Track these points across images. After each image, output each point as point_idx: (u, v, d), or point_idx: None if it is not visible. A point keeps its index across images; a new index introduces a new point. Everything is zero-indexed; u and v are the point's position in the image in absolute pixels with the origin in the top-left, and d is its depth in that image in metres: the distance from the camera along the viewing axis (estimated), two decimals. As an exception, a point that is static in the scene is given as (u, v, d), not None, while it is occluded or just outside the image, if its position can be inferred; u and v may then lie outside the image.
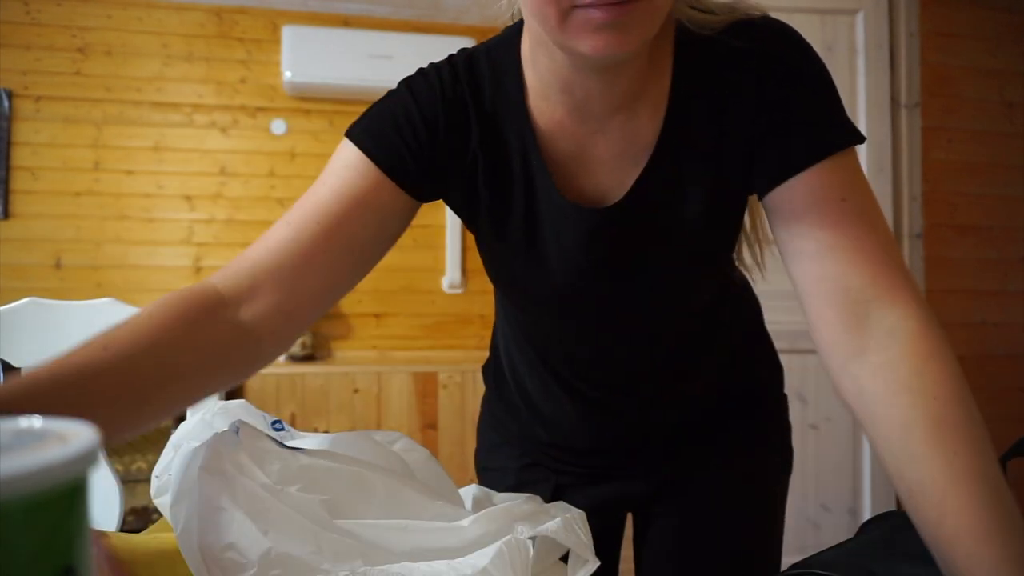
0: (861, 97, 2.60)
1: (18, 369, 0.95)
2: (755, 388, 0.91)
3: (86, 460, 0.24)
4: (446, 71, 0.69)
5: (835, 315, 0.59)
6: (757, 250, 0.81)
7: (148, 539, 0.61)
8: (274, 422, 0.66)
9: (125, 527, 0.93)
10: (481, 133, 0.68)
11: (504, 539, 0.53)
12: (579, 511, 0.62)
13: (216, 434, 0.57)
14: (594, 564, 0.57)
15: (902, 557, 0.52)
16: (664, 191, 0.67)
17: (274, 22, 3.28)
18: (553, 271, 0.71)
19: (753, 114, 0.64)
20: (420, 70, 0.71)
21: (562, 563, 0.58)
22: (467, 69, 0.69)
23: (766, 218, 0.68)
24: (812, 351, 0.62)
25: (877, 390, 0.55)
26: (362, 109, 0.73)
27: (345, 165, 0.66)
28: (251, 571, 0.49)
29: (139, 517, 2.55)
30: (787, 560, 0.89)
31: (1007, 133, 2.86)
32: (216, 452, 0.54)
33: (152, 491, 0.61)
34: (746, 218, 0.77)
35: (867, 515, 2.56)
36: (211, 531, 0.51)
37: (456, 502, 0.64)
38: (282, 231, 0.63)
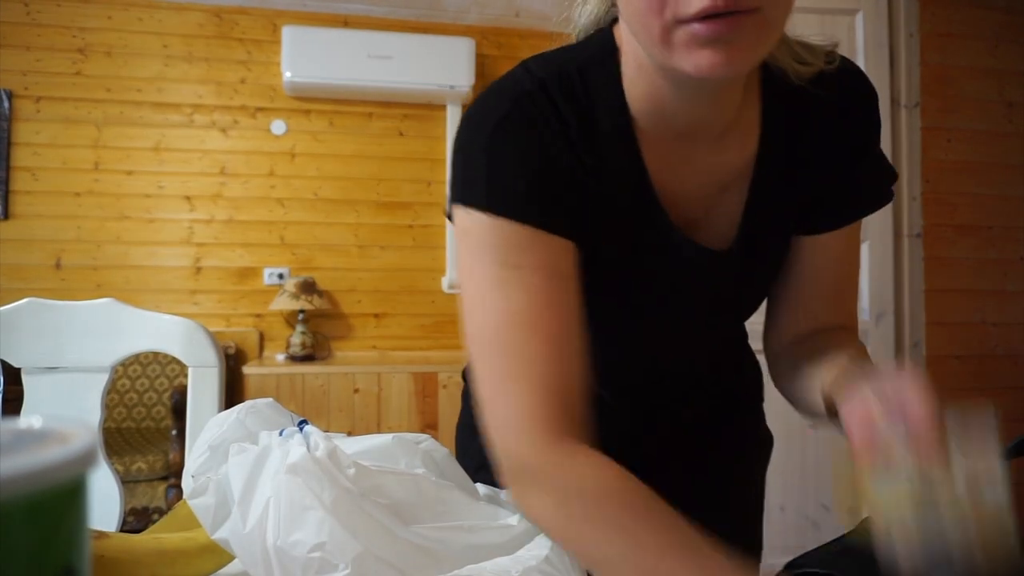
0: (861, 97, 2.60)
1: (18, 369, 0.95)
2: (747, 385, 0.94)
3: (86, 460, 0.24)
4: (540, 96, 0.60)
5: (790, 341, 0.75)
6: None
7: (148, 539, 0.61)
8: (300, 422, 0.66)
9: (125, 527, 0.93)
10: (585, 157, 0.62)
11: None
12: None
13: (282, 434, 0.58)
14: None
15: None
16: (766, 226, 0.69)
17: (274, 22, 3.28)
18: (644, 304, 0.68)
19: (827, 164, 0.68)
20: (512, 99, 0.60)
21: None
22: (562, 87, 0.61)
23: None
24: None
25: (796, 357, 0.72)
26: (362, 109, 0.72)
27: (517, 249, 0.57)
28: (344, 572, 0.50)
29: (139, 517, 2.55)
30: (788, 560, 0.89)
31: (1007, 133, 2.86)
32: (301, 456, 0.55)
33: (187, 492, 0.61)
34: None
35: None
36: (297, 530, 0.51)
37: (481, 500, 0.65)
38: (556, 357, 0.55)
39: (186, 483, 0.62)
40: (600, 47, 0.64)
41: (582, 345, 0.57)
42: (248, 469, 0.56)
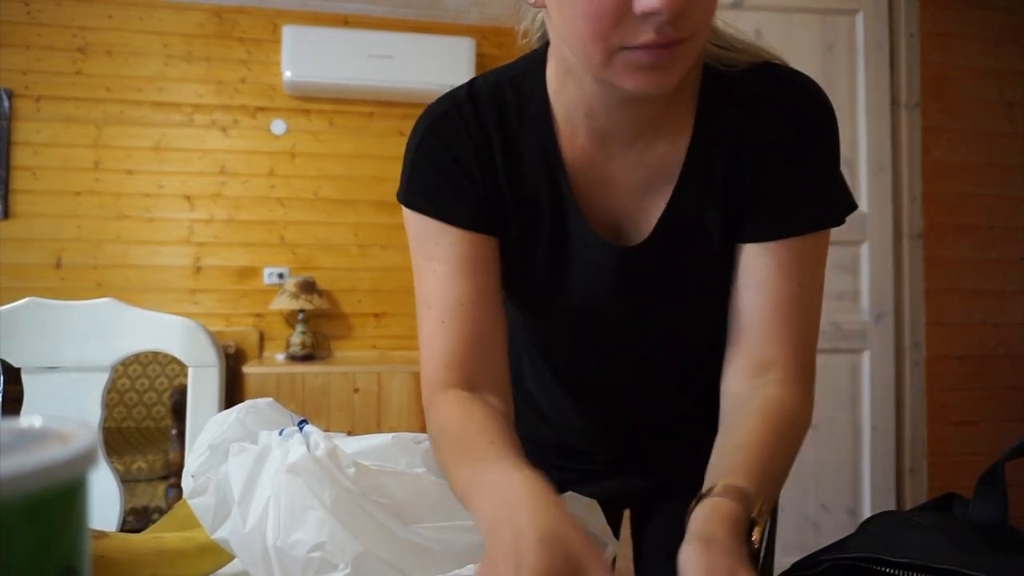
0: (861, 97, 2.59)
1: (18, 369, 0.95)
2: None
3: (86, 460, 0.24)
4: (467, 108, 0.69)
5: (743, 365, 0.68)
6: None
7: (148, 539, 0.61)
8: (300, 422, 0.66)
9: (125, 527, 0.93)
10: (506, 165, 0.68)
11: None
12: (591, 499, 0.64)
13: (282, 434, 0.58)
14: (615, 546, 0.58)
15: (905, 553, 0.52)
16: (687, 225, 0.68)
17: (274, 22, 3.28)
18: (575, 297, 0.72)
19: (765, 162, 0.66)
20: (440, 112, 0.71)
21: None
22: (492, 99, 0.69)
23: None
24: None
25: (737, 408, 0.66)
26: (362, 109, 0.74)
27: (427, 237, 0.69)
28: (344, 572, 0.50)
29: (139, 517, 2.55)
30: (788, 560, 0.89)
31: (1007, 133, 2.86)
32: (301, 456, 0.55)
33: (187, 491, 0.61)
34: None
35: (867, 515, 2.56)
36: (297, 530, 0.51)
37: None
38: (443, 330, 0.68)
39: (186, 483, 0.62)
40: (534, 59, 0.71)
41: (481, 321, 0.67)
42: (248, 469, 0.56)
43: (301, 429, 0.63)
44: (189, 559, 0.61)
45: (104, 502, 0.95)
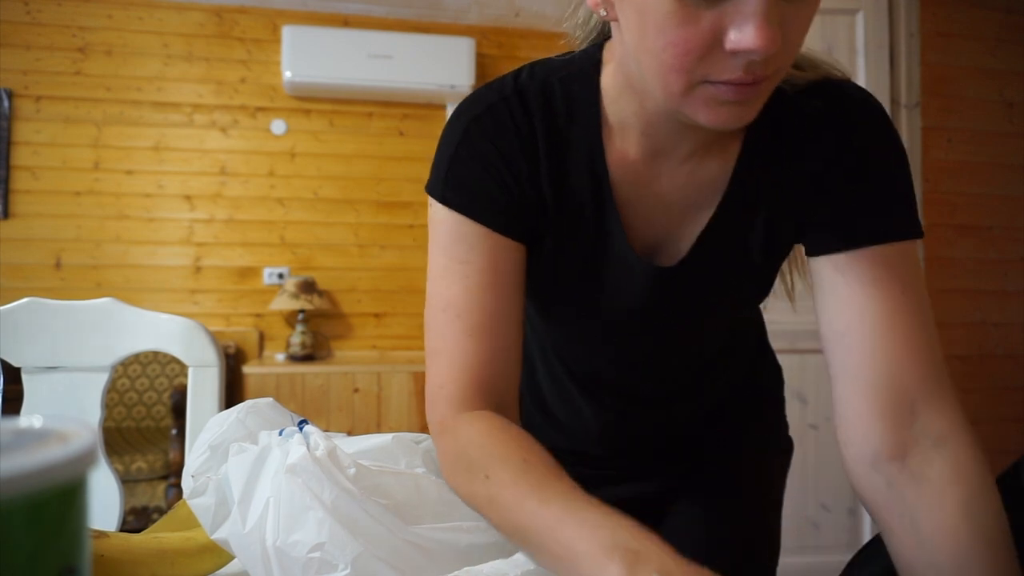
0: (861, 97, 2.60)
1: (18, 369, 0.95)
2: (760, 394, 0.93)
3: (86, 460, 0.24)
4: (515, 103, 0.64)
5: (874, 407, 0.58)
6: (788, 277, 0.80)
7: (148, 539, 0.61)
8: (300, 422, 0.66)
9: (125, 527, 0.93)
10: (550, 168, 0.65)
11: None
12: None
13: (282, 434, 0.58)
14: None
15: None
16: (726, 245, 0.67)
17: (274, 22, 3.28)
18: (604, 309, 0.71)
19: (822, 177, 0.63)
20: (486, 104, 0.65)
21: None
22: (541, 96, 0.65)
23: (807, 271, 0.68)
24: (812, 351, 0.64)
25: (921, 498, 0.55)
26: (362, 109, 0.73)
27: (459, 239, 0.64)
28: (344, 572, 0.50)
29: (139, 517, 2.55)
30: (788, 559, 0.89)
31: (1007, 133, 2.86)
32: (301, 456, 0.55)
33: (187, 492, 0.61)
34: None
35: (867, 515, 2.56)
36: (297, 530, 0.51)
37: None
38: (472, 344, 0.63)
39: (186, 483, 0.62)
40: (587, 62, 0.66)
41: (507, 337, 0.64)
42: (248, 469, 0.56)
43: (301, 429, 0.62)
44: (189, 559, 0.61)
45: (104, 502, 0.94)
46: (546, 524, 0.49)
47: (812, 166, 0.64)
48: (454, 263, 0.64)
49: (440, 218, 0.65)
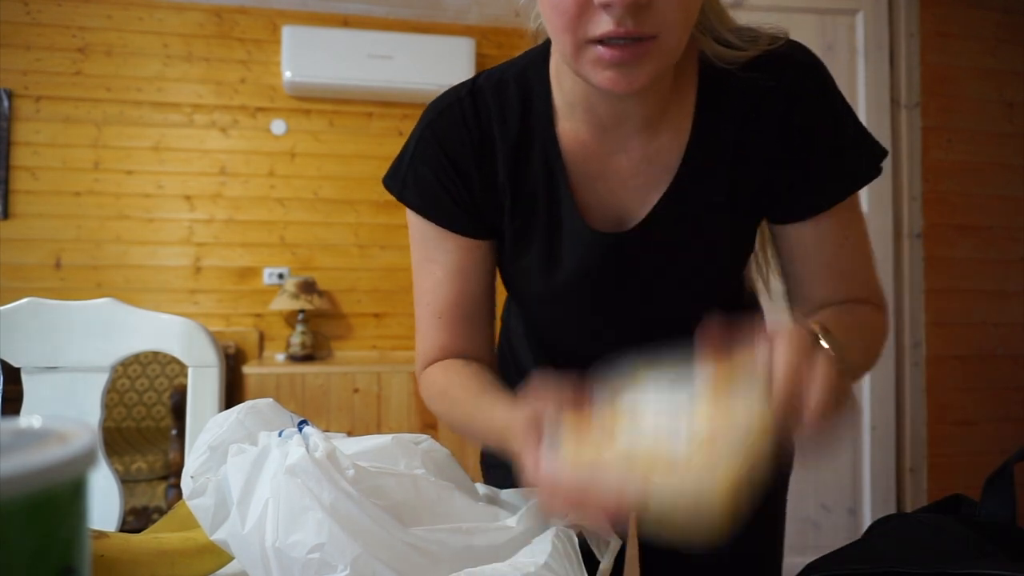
0: (861, 97, 2.59)
1: (18, 369, 0.95)
2: None
3: (86, 460, 0.24)
4: (468, 104, 0.70)
5: (812, 305, 0.71)
6: (765, 272, 0.82)
7: (148, 539, 0.61)
8: (300, 422, 0.67)
9: (125, 527, 0.93)
10: (508, 162, 0.69)
11: (551, 533, 0.55)
12: None
13: (281, 435, 0.58)
14: (617, 543, 0.58)
15: (922, 563, 0.52)
16: (681, 215, 0.69)
17: (274, 22, 3.28)
18: (569, 285, 0.74)
19: (776, 147, 0.67)
20: (441, 107, 0.72)
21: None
22: (496, 95, 0.70)
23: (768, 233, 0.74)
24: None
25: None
26: (362, 109, 0.74)
27: (426, 239, 0.73)
28: (343, 573, 0.50)
29: (139, 517, 2.55)
30: (788, 560, 0.89)
31: (1007, 133, 2.86)
32: (300, 457, 0.55)
33: (186, 493, 0.61)
34: (756, 239, 0.79)
35: (867, 515, 2.56)
36: (296, 531, 0.52)
37: (481, 500, 0.66)
38: (440, 325, 0.76)
39: (185, 484, 0.62)
40: (539, 53, 0.71)
41: (472, 317, 0.75)
42: (247, 470, 0.56)
43: (301, 430, 0.62)
44: (189, 559, 0.61)
45: (104, 502, 0.94)
46: (482, 413, 0.66)
47: (762, 139, 0.67)
48: (424, 260, 0.74)
49: (409, 218, 0.74)
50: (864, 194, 2.76)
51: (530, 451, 0.54)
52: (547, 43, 0.71)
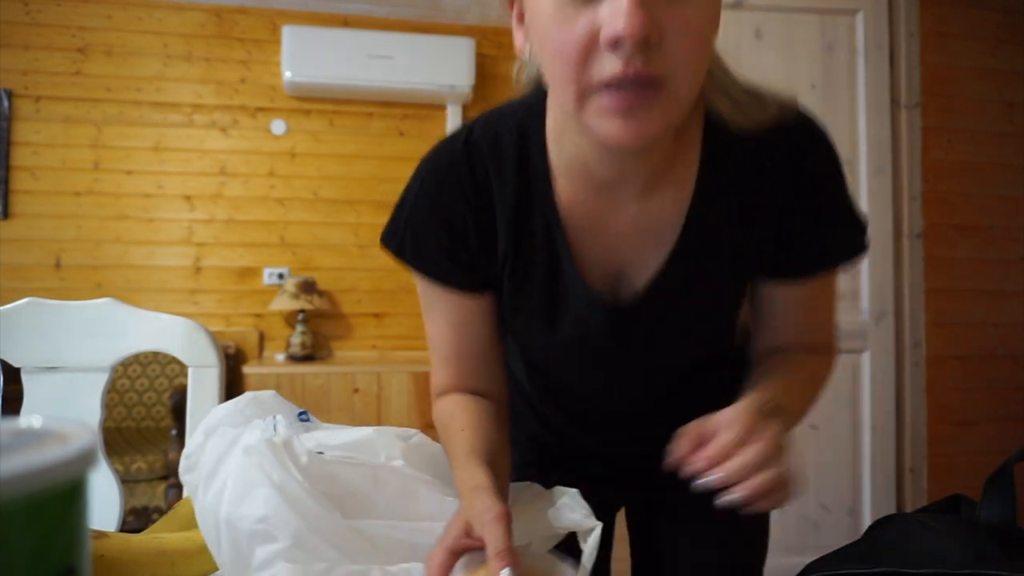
0: (861, 97, 2.59)
1: (18, 369, 0.95)
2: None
3: (86, 460, 0.24)
4: (463, 162, 0.68)
5: (773, 346, 0.75)
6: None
7: (148, 539, 0.61)
8: (300, 413, 0.71)
9: (125, 527, 0.93)
10: (506, 221, 0.68)
11: None
12: (574, 490, 0.66)
13: (258, 424, 0.62)
14: (598, 525, 0.60)
15: (922, 564, 0.52)
16: (684, 279, 0.68)
17: (274, 22, 3.28)
18: (569, 341, 0.74)
19: (775, 215, 0.66)
20: (436, 165, 0.70)
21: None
22: (492, 150, 0.68)
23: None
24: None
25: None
26: (362, 109, 0.74)
27: (428, 293, 0.74)
28: (281, 545, 0.53)
29: (139, 517, 2.55)
30: (788, 560, 0.89)
31: (1007, 133, 2.86)
32: (258, 439, 0.59)
33: (180, 468, 0.66)
34: None
35: (867, 515, 2.56)
36: (245, 504, 0.55)
37: (451, 497, 0.67)
38: (446, 368, 0.77)
39: (181, 463, 0.67)
40: (534, 107, 0.69)
41: (476, 360, 0.76)
42: (220, 450, 0.60)
43: (303, 420, 0.67)
44: (189, 559, 0.61)
45: (104, 502, 0.94)
46: (460, 468, 0.66)
47: (763, 207, 0.66)
48: (428, 309, 0.75)
49: (417, 279, 0.74)
50: (864, 194, 2.75)
51: (443, 549, 0.55)
52: (542, 97, 0.68)
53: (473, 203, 0.68)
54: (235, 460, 0.58)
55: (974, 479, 0.58)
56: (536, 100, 0.69)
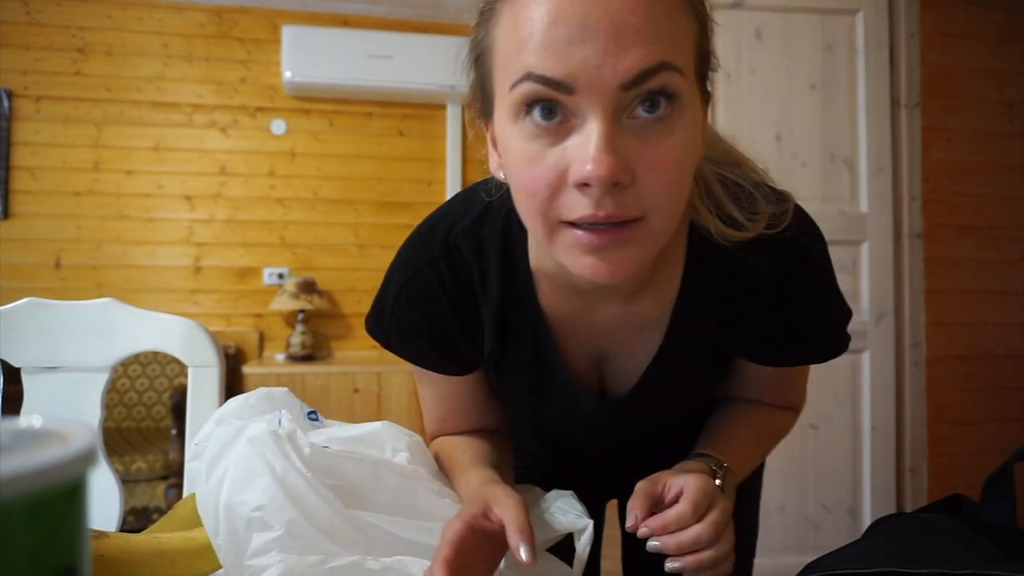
0: (861, 97, 2.59)
1: (18, 369, 0.95)
2: None
3: (86, 460, 0.24)
4: (445, 266, 0.67)
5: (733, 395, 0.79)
6: None
7: (148, 539, 0.61)
8: (309, 412, 0.74)
9: (125, 527, 0.93)
10: (491, 323, 0.68)
11: None
12: (569, 492, 0.68)
13: (265, 417, 0.64)
14: (589, 523, 0.62)
15: (917, 563, 0.52)
16: (670, 376, 0.69)
17: (274, 22, 3.28)
18: (558, 425, 0.79)
19: (760, 320, 0.67)
20: (417, 267, 0.68)
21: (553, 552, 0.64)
22: (474, 255, 0.67)
23: None
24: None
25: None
26: (362, 109, 0.74)
27: (417, 369, 0.77)
28: (276, 533, 0.54)
29: (139, 517, 2.55)
30: (788, 560, 0.89)
31: (1007, 133, 2.86)
32: (262, 430, 0.60)
33: (188, 456, 0.68)
34: None
35: (867, 515, 2.56)
36: (245, 491, 0.57)
37: (447, 499, 0.68)
38: (443, 425, 0.80)
39: (189, 450, 0.69)
40: (515, 215, 0.65)
41: (471, 418, 0.78)
42: (224, 439, 0.62)
43: (312, 419, 0.71)
44: (189, 559, 0.61)
45: (104, 502, 0.94)
46: (457, 479, 0.69)
47: (748, 313, 0.66)
48: (418, 380, 0.79)
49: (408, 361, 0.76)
50: (864, 194, 2.74)
51: (461, 521, 0.56)
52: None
53: (457, 306, 0.68)
54: (239, 449, 0.59)
55: (974, 479, 0.58)
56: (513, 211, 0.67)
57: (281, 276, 3.27)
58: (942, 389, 2.70)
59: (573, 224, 0.50)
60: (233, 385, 2.89)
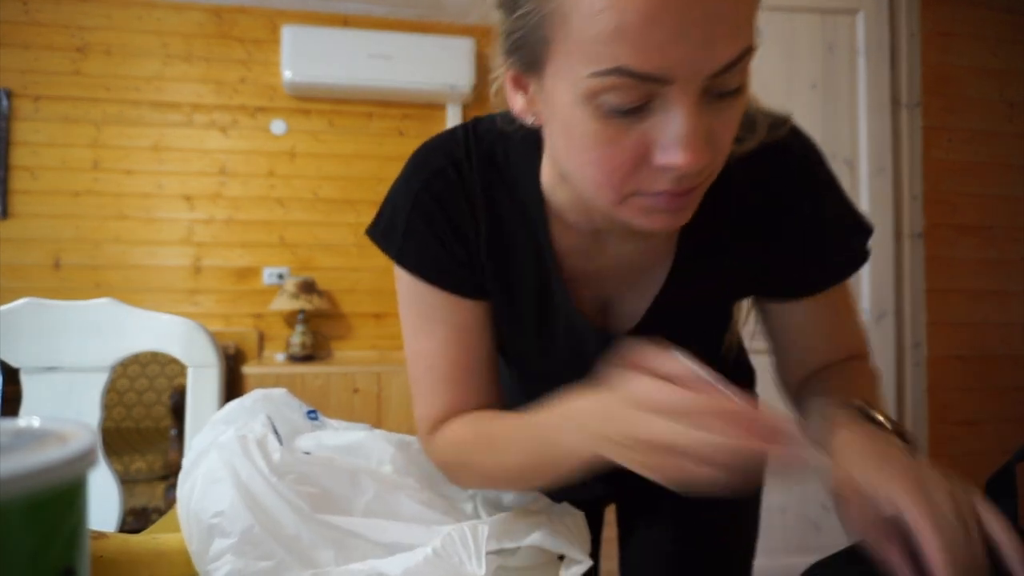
0: (861, 97, 2.59)
1: (17, 369, 0.95)
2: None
3: (85, 460, 0.23)
4: (464, 163, 0.66)
5: (795, 382, 0.74)
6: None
7: (148, 539, 0.61)
8: (309, 412, 0.73)
9: (125, 527, 0.93)
10: (489, 235, 0.67)
11: (453, 527, 0.58)
12: (579, 513, 0.65)
13: (245, 422, 0.64)
14: (585, 565, 0.60)
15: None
16: (676, 308, 0.68)
17: (274, 22, 3.28)
18: (563, 364, 0.73)
19: (769, 236, 0.66)
20: (436, 166, 0.66)
21: (559, 560, 0.61)
22: (488, 167, 0.66)
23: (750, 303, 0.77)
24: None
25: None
26: (362, 109, 0.73)
27: (425, 301, 0.68)
28: (232, 540, 0.54)
29: (139, 517, 2.54)
30: (789, 560, 0.89)
31: (1007, 133, 2.86)
32: (230, 437, 0.60)
33: (185, 461, 0.68)
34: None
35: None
36: (208, 497, 0.57)
37: (458, 504, 0.67)
38: (444, 388, 0.70)
39: (186, 454, 0.68)
40: (529, 141, 0.65)
41: (476, 378, 0.70)
42: (203, 446, 0.62)
43: (312, 419, 0.70)
44: (188, 559, 0.61)
45: (103, 502, 0.94)
46: (529, 436, 0.60)
47: (755, 229, 0.66)
48: (421, 320, 0.69)
49: (403, 280, 0.69)
50: (864, 194, 2.74)
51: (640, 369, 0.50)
52: (534, 138, 0.64)
53: (471, 209, 0.66)
54: (210, 456, 0.60)
55: (975, 479, 0.58)
56: (528, 136, 0.66)
57: (281, 276, 3.27)
58: (943, 389, 2.70)
59: (644, 195, 0.51)
60: (233, 385, 2.89)
